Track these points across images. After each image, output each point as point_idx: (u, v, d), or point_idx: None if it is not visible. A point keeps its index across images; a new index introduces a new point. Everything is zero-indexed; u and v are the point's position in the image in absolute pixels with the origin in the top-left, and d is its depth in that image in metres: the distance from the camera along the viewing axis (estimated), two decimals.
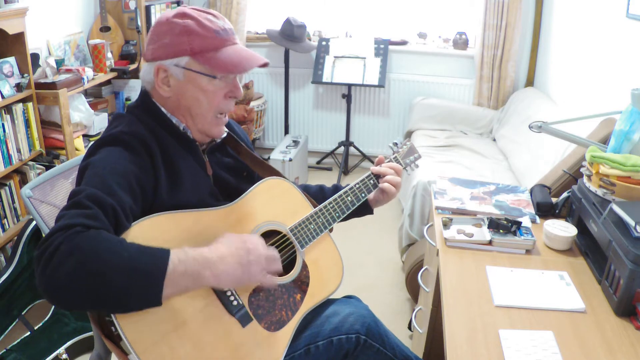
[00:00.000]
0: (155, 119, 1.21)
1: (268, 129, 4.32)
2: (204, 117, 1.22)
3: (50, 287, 0.89)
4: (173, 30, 1.16)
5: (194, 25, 1.15)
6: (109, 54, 3.20)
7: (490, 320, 1.17)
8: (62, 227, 0.93)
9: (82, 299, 0.91)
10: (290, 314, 1.21)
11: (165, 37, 1.16)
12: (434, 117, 3.80)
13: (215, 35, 1.17)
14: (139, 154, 1.11)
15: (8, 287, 2.02)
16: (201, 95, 1.19)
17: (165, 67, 1.17)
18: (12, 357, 1.97)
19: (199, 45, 1.15)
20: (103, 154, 1.10)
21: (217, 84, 1.19)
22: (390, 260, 2.92)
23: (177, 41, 1.15)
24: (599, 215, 1.34)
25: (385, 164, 1.48)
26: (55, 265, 0.89)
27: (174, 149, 1.19)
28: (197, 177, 1.22)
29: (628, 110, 1.51)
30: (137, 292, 0.93)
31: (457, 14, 3.96)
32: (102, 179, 1.03)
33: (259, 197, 1.27)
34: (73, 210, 0.97)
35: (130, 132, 1.13)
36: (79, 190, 1.01)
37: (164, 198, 1.13)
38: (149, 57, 1.20)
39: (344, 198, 1.39)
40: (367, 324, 1.28)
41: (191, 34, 1.15)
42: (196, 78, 1.17)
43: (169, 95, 1.20)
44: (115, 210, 1.00)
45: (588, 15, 2.90)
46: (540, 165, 2.60)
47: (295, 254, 1.29)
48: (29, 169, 2.57)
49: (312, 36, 4.09)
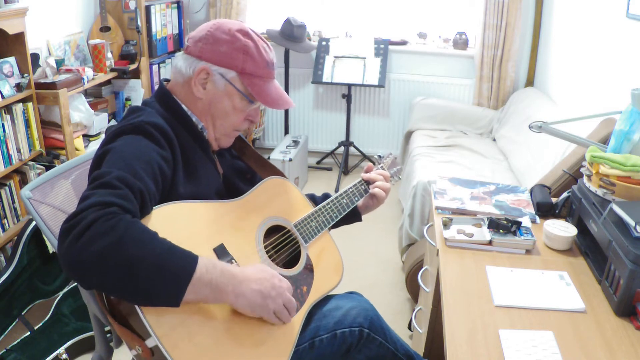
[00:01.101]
0: (174, 114, 1.23)
1: (268, 129, 4.32)
2: (223, 129, 1.28)
3: (76, 261, 0.89)
4: (233, 43, 1.21)
5: (252, 48, 1.22)
6: (109, 54, 3.20)
7: (490, 320, 1.17)
8: (96, 203, 0.92)
9: (103, 281, 0.91)
10: (299, 305, 1.23)
11: (223, 45, 1.21)
12: (434, 117, 3.80)
13: (266, 66, 1.25)
14: (160, 144, 1.13)
15: (8, 287, 2.02)
16: (231, 111, 1.25)
17: (210, 71, 1.21)
18: (12, 357, 1.97)
19: (250, 68, 1.22)
20: (125, 140, 1.10)
21: (247, 106, 1.26)
22: (390, 260, 2.92)
23: (233, 55, 1.21)
24: (599, 215, 1.34)
25: (375, 171, 1.55)
26: (87, 240, 0.88)
27: (191, 145, 1.23)
28: (210, 173, 1.26)
29: (628, 110, 1.51)
30: (159, 290, 0.94)
31: (457, 14, 3.96)
32: (127, 163, 1.03)
33: (264, 194, 1.33)
34: (102, 189, 0.96)
35: (151, 122, 1.14)
36: (105, 172, 1.00)
37: (179, 189, 1.15)
38: (195, 53, 1.22)
39: (340, 200, 1.46)
40: (370, 317, 1.31)
41: (247, 54, 1.21)
42: (234, 95, 1.24)
43: (201, 97, 1.24)
44: (143, 194, 1.01)
45: (588, 15, 2.90)
46: (540, 165, 2.60)
47: (299, 250, 1.33)
48: (29, 169, 2.57)
49: (312, 36, 4.09)
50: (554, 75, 3.43)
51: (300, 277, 1.28)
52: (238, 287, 1.03)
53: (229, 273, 1.02)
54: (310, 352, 1.25)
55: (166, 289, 0.94)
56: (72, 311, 2.18)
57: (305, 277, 1.30)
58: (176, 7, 3.85)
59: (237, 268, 1.06)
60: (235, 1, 3.89)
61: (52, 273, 2.17)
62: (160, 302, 0.96)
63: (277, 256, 1.32)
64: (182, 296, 0.95)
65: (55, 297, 2.17)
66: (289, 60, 3.95)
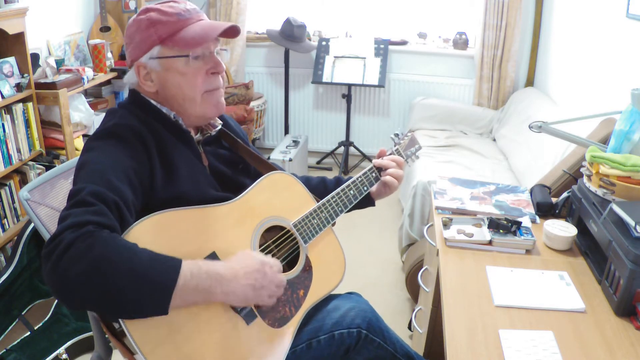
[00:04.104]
0: (146, 111, 1.22)
1: (268, 129, 4.32)
2: (193, 101, 1.22)
3: (60, 286, 0.89)
4: (140, 27, 1.19)
5: (156, 15, 1.18)
6: (109, 54, 3.20)
7: (490, 320, 1.17)
8: (72, 225, 0.92)
9: (90, 300, 0.92)
10: (294, 310, 1.22)
11: (135, 36, 1.20)
12: (434, 117, 3.80)
13: (178, 17, 1.18)
14: (133, 146, 1.12)
15: (8, 287, 2.02)
16: (182, 80, 1.20)
17: (142, 63, 1.20)
18: (12, 357, 1.96)
19: (165, 32, 1.18)
20: (98, 149, 1.10)
21: (194, 64, 1.19)
22: (390, 260, 2.92)
23: (145, 35, 1.18)
24: (599, 215, 1.34)
25: (387, 156, 1.48)
26: (67, 264, 0.89)
27: (168, 140, 1.20)
28: (192, 167, 1.22)
29: (628, 110, 1.51)
30: (145, 302, 0.94)
31: (457, 14, 3.96)
32: (101, 175, 1.03)
33: (262, 193, 1.27)
34: (77, 208, 0.96)
35: (123, 124, 1.14)
36: (79, 189, 1.00)
37: (159, 189, 1.13)
38: (128, 62, 1.24)
39: (347, 192, 1.39)
40: (368, 319, 1.29)
41: (156, 24, 1.18)
42: (172, 64, 1.19)
43: (155, 89, 1.22)
44: (118, 205, 1.00)
45: (588, 15, 2.90)
46: (540, 165, 2.60)
47: (299, 250, 1.29)
48: (29, 169, 2.57)
49: (312, 36, 4.09)
50: (554, 75, 3.43)
51: (297, 280, 1.25)
52: (226, 286, 1.02)
53: (215, 273, 1.01)
54: (308, 353, 1.24)
55: (152, 300, 0.94)
56: (72, 311, 2.18)
57: (303, 279, 1.26)
58: None
59: (224, 265, 1.04)
60: (235, 1, 3.89)
61: None
62: (148, 313, 0.96)
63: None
64: (169, 304, 0.95)
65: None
66: (289, 60, 3.95)
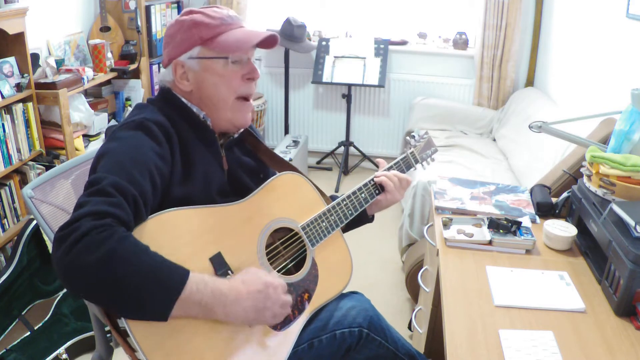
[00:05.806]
0: (175, 109, 1.23)
1: (268, 129, 4.32)
2: (225, 103, 1.24)
3: (69, 270, 0.91)
4: (182, 27, 1.21)
5: (200, 17, 1.20)
6: (109, 54, 3.20)
7: (490, 320, 1.17)
8: (91, 213, 0.93)
9: (94, 290, 0.93)
10: (297, 313, 1.21)
11: (177, 36, 1.21)
12: (434, 117, 3.79)
13: (222, 22, 1.21)
14: (159, 142, 1.13)
15: (8, 287, 2.02)
16: (219, 81, 1.22)
17: (181, 62, 1.22)
18: (12, 357, 1.96)
19: (207, 33, 1.20)
20: (124, 140, 1.10)
21: (232, 67, 1.22)
22: (390, 260, 2.92)
23: (187, 35, 1.20)
24: (599, 215, 1.34)
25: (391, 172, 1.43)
26: (80, 251, 0.90)
27: (192, 140, 1.21)
28: (210, 170, 1.23)
29: (628, 110, 1.51)
30: (147, 305, 0.94)
31: (457, 14, 3.96)
32: (123, 167, 1.04)
33: (271, 193, 1.27)
34: (97, 197, 0.97)
35: (152, 119, 1.15)
36: (99, 178, 1.00)
37: (175, 188, 1.14)
38: (166, 62, 1.25)
39: (358, 195, 1.39)
40: (369, 318, 1.30)
41: (199, 25, 1.20)
42: (211, 64, 1.21)
43: (190, 88, 1.23)
44: (137, 200, 1.01)
45: (588, 15, 2.90)
46: (540, 165, 2.60)
47: (306, 252, 1.28)
48: (29, 169, 2.57)
49: (312, 36, 4.08)
50: (554, 75, 3.43)
51: (302, 283, 1.24)
52: (228, 308, 1.01)
53: (219, 293, 1.00)
54: (309, 353, 1.24)
55: (154, 305, 0.94)
56: (72, 311, 2.18)
57: (309, 283, 1.25)
58: (176, 7, 3.85)
59: (228, 284, 1.03)
60: (235, 1, 3.89)
61: (52, 273, 2.17)
62: (148, 317, 0.96)
63: (282, 261, 1.27)
64: (170, 312, 0.95)
65: (55, 297, 2.17)
66: (289, 60, 3.95)
